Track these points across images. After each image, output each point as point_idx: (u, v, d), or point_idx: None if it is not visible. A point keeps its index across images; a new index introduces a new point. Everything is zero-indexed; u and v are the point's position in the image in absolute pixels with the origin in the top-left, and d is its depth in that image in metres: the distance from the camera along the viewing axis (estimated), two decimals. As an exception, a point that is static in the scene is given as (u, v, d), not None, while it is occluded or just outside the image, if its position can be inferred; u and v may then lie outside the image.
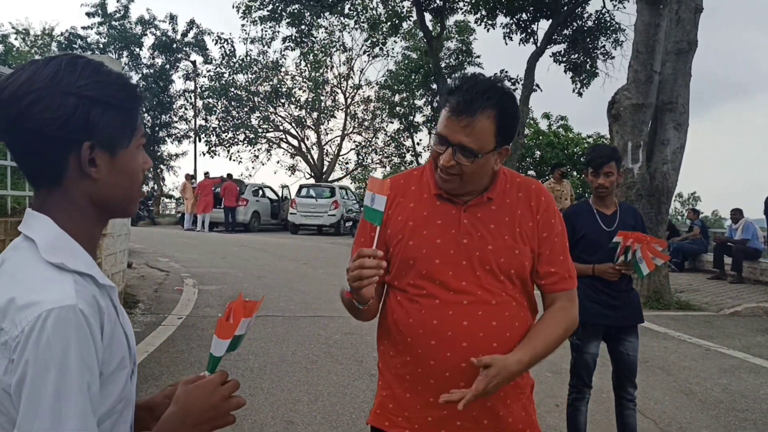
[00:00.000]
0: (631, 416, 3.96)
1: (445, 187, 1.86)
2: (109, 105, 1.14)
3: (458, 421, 1.82)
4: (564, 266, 1.93)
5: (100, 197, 1.18)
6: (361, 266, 1.64)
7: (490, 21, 22.29)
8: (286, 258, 13.64)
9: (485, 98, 1.73)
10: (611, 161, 3.88)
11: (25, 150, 1.13)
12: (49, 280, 1.07)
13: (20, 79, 1.10)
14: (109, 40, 33.76)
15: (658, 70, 9.70)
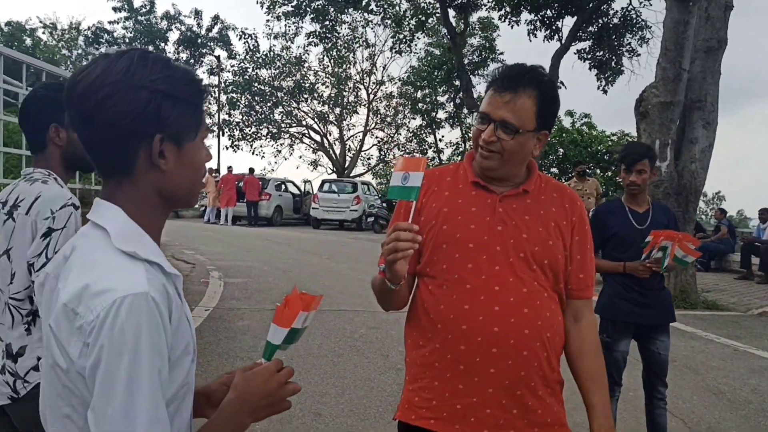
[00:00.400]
0: (662, 415, 3.95)
1: (485, 165, 1.88)
2: (178, 99, 1.17)
3: (487, 408, 1.81)
4: (591, 275, 2.01)
5: (167, 188, 1.21)
6: (397, 239, 1.65)
7: (515, 17, 22.11)
8: (309, 252, 13.70)
9: (527, 78, 1.82)
10: (644, 159, 3.86)
11: (98, 142, 1.16)
12: (123, 268, 1.10)
13: (94, 73, 1.13)
14: (135, 35, 34.14)
15: (686, 68, 9.59)
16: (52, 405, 1.16)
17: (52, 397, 1.16)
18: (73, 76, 1.17)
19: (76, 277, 1.11)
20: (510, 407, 1.82)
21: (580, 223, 1.96)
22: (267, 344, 1.38)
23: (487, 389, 1.80)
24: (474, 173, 1.94)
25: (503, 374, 1.80)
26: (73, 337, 1.07)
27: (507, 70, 1.84)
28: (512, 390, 1.81)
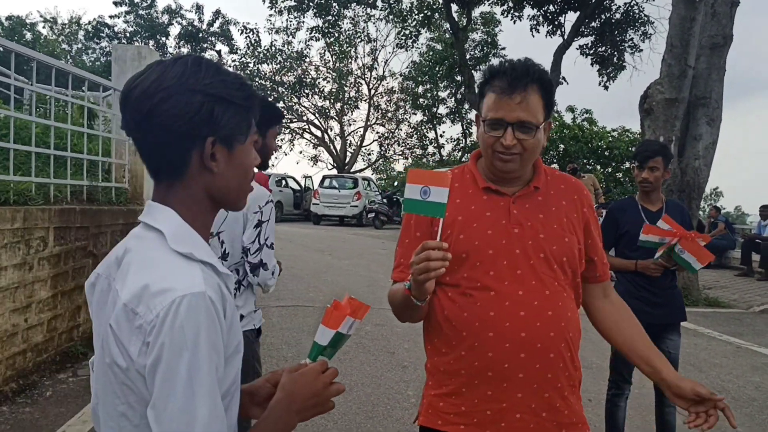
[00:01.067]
0: (671, 414, 3.96)
1: (507, 169, 1.87)
2: (230, 103, 1.20)
3: (517, 413, 1.81)
4: (604, 257, 2.06)
5: (217, 190, 1.25)
6: (428, 258, 1.62)
7: (517, 13, 22.13)
8: (311, 248, 13.70)
9: (530, 74, 1.81)
10: (657, 156, 3.83)
11: (153, 144, 1.19)
12: (180, 269, 1.14)
13: (150, 78, 1.17)
14: (136, 29, 34.10)
15: (692, 64, 9.58)
16: (106, 403, 1.19)
17: (107, 396, 1.18)
18: (129, 82, 1.20)
19: (135, 277, 1.14)
20: (540, 410, 1.83)
21: (591, 213, 1.98)
22: (314, 344, 1.40)
23: (517, 394, 1.81)
24: (482, 177, 1.94)
25: (532, 378, 1.80)
26: (132, 336, 1.10)
27: (510, 71, 1.82)
28: (541, 393, 1.81)
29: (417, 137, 37.69)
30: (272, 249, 2.83)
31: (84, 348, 5.58)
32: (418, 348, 6.28)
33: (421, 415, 1.97)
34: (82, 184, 6.01)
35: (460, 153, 36.70)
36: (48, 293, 5.09)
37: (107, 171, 6.76)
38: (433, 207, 1.66)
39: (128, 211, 6.68)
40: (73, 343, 5.52)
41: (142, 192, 7.12)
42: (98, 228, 5.92)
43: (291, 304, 8.09)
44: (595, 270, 2.00)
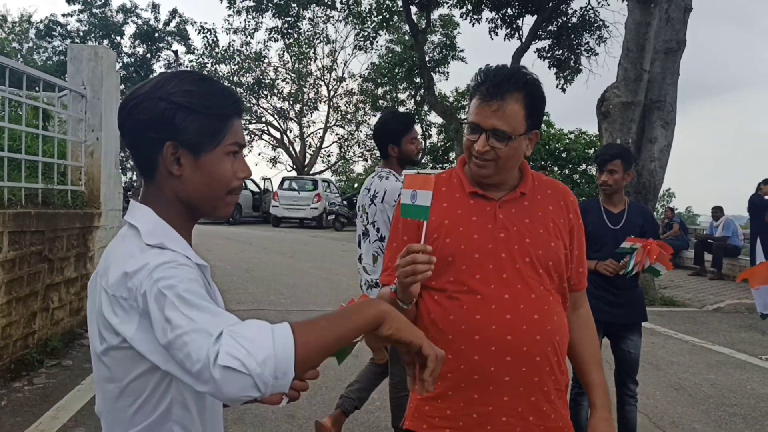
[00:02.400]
0: (632, 411, 4.02)
1: (480, 174, 1.88)
2: (192, 110, 1.27)
3: (503, 417, 1.82)
4: (586, 266, 2.08)
5: (185, 195, 1.32)
6: (414, 261, 1.63)
7: (476, 15, 22.26)
8: (271, 251, 13.60)
9: (512, 82, 1.80)
10: (616, 159, 3.91)
11: (128, 146, 1.32)
12: (153, 253, 1.21)
13: (136, 88, 1.31)
14: (90, 28, 33.35)
15: (647, 68, 9.79)
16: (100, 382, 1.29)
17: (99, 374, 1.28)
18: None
19: (114, 270, 1.22)
20: (526, 414, 1.83)
21: (576, 219, 1.99)
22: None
23: (503, 397, 1.81)
24: (469, 182, 1.94)
25: (518, 381, 1.81)
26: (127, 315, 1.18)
27: (491, 78, 1.82)
28: (527, 396, 1.82)
29: (377, 139, 37.71)
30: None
31: (40, 355, 5.44)
32: (382, 350, 6.27)
33: (407, 419, 1.97)
34: (37, 188, 5.86)
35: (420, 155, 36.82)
36: (2, 299, 4.95)
37: (63, 174, 6.60)
38: (418, 210, 1.68)
39: (85, 214, 6.54)
40: (28, 351, 5.37)
41: (99, 195, 6.97)
42: (54, 232, 5.77)
43: (252, 307, 8.01)
44: (570, 278, 2.00)
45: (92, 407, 4.55)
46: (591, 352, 2.04)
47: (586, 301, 2.12)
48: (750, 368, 6.64)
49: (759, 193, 11.79)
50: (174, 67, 34.41)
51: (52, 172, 6.27)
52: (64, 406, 4.57)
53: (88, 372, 5.30)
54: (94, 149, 6.95)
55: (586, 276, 2.10)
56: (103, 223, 7.01)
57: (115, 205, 7.69)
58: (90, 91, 6.88)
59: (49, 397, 4.72)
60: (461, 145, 20.66)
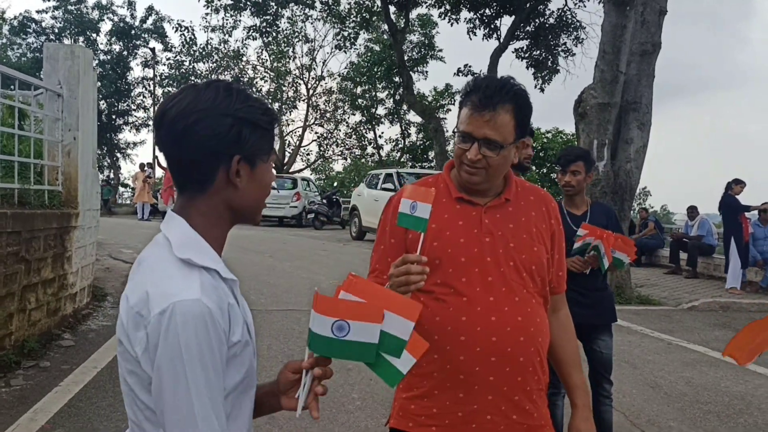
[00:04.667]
0: (608, 411, 4.07)
1: (471, 181, 1.93)
2: (256, 126, 1.35)
3: (488, 415, 1.87)
4: (564, 269, 2.16)
5: (238, 204, 1.37)
6: (408, 272, 1.68)
7: (454, 15, 22.38)
8: (251, 250, 13.53)
9: (503, 93, 1.86)
10: (578, 161, 3.96)
11: (185, 160, 1.32)
12: (178, 275, 1.25)
13: (185, 101, 1.31)
14: (65, 25, 32.95)
15: (623, 70, 9.91)
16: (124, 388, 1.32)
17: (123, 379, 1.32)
18: (164, 103, 1.34)
19: (140, 283, 1.27)
20: (510, 413, 1.89)
21: (557, 225, 2.07)
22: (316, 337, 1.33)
23: (487, 396, 1.86)
24: (456, 187, 2.00)
25: (502, 381, 1.86)
26: (138, 334, 1.23)
27: (483, 88, 1.87)
28: (511, 396, 1.88)
29: (356, 138, 37.71)
30: None
31: (16, 357, 5.38)
32: (362, 350, 6.29)
33: (392, 418, 2.01)
34: (13, 188, 5.79)
35: (399, 154, 36.92)
36: (-22, 301, 4.89)
37: (39, 173, 6.53)
38: (417, 221, 1.72)
39: (62, 214, 6.48)
40: (5, 352, 5.31)
41: (77, 195, 6.91)
42: (31, 233, 5.72)
43: (232, 307, 7.97)
44: (550, 281, 2.05)
45: (71, 409, 4.52)
46: (571, 354, 2.11)
47: (566, 304, 2.19)
48: (724, 366, 6.75)
49: (730, 193, 11.99)
50: (151, 65, 34.15)
51: (29, 172, 6.20)
52: (41, 408, 4.54)
53: (66, 373, 5.26)
54: (71, 149, 6.89)
55: (566, 279, 2.16)
56: (80, 223, 6.95)
57: (92, 205, 7.63)
58: (66, 91, 6.81)
59: (27, 399, 4.68)
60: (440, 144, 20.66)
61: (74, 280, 6.86)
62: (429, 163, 34.27)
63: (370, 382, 5.44)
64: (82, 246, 7.13)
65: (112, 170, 36.21)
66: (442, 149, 24.31)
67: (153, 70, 34.24)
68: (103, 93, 31.53)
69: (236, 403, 1.34)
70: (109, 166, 36.05)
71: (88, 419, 4.41)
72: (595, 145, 9.84)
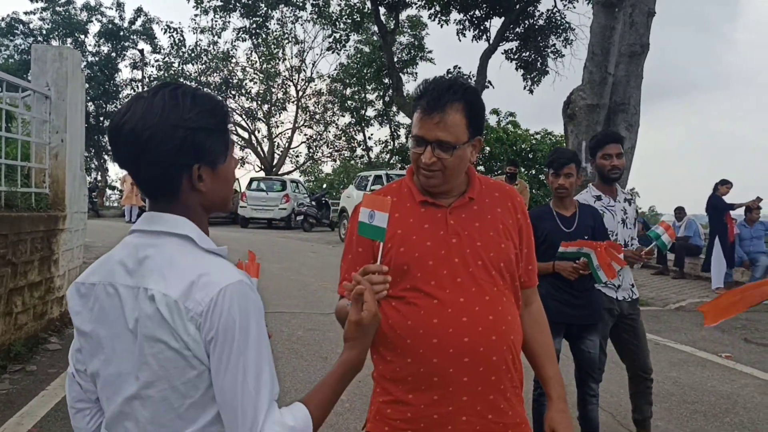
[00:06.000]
0: (594, 411, 4.09)
1: (429, 184, 1.94)
2: (209, 131, 1.37)
3: (464, 416, 1.87)
4: (536, 263, 2.18)
5: (207, 202, 1.43)
6: (370, 282, 1.65)
7: (444, 17, 22.43)
8: (240, 252, 13.37)
9: (451, 93, 1.87)
10: (571, 163, 3.99)
11: (147, 175, 1.35)
12: (216, 264, 1.34)
13: (136, 117, 1.32)
14: (53, 27, 32.72)
15: (612, 72, 9.95)
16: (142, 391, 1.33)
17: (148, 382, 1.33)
18: (116, 119, 1.34)
19: (178, 277, 1.30)
20: (485, 413, 1.89)
21: (524, 219, 2.07)
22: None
23: (462, 397, 1.86)
24: (419, 191, 2.00)
25: (476, 381, 1.86)
26: (188, 324, 1.28)
27: (430, 90, 1.88)
28: (485, 395, 1.88)
29: (345, 139, 37.66)
30: None
31: (3, 361, 5.36)
32: (351, 352, 6.29)
33: (368, 423, 2.02)
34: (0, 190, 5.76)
35: (389, 155, 36.91)
36: (-36, 305, 4.86)
37: (26, 176, 6.49)
38: (376, 231, 1.72)
39: (49, 217, 6.44)
40: (-9, 357, 5.28)
41: (64, 197, 6.87)
42: (17, 235, 5.68)
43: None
44: (520, 276, 2.06)
45: (57, 413, 4.50)
46: (544, 347, 2.13)
47: (538, 297, 2.20)
48: (710, 366, 6.80)
49: (717, 194, 12.07)
50: (140, 66, 34.01)
51: (16, 174, 6.17)
52: (28, 412, 4.51)
53: (52, 377, 5.23)
54: (59, 151, 6.86)
55: (536, 273, 2.17)
56: (68, 226, 6.92)
57: (80, 207, 7.59)
58: (55, 93, 6.78)
59: (13, 404, 4.66)
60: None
61: (61, 284, 6.82)
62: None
63: (359, 384, 5.43)
64: (70, 249, 7.09)
65: (100, 172, 35.99)
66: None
67: (142, 72, 34.10)
68: (91, 95, 31.35)
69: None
70: (96, 168, 35.82)
71: (76, 423, 4.38)
72: (584, 146, 9.86)
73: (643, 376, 4.40)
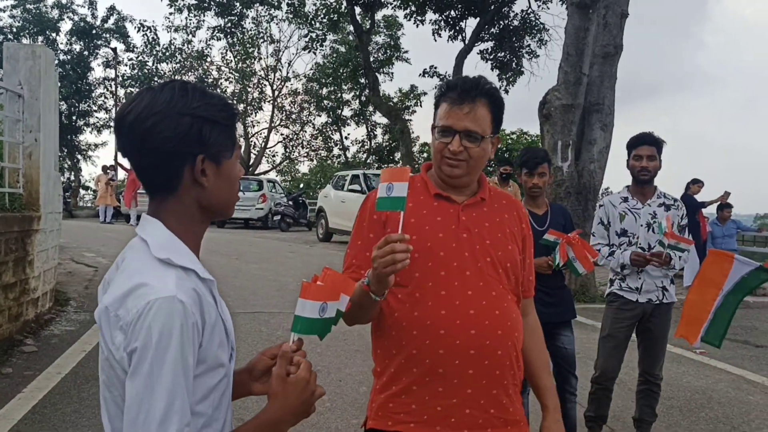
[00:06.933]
0: (572, 408, 4.15)
1: (453, 174, 1.98)
2: (216, 122, 1.35)
3: (467, 409, 1.89)
4: (533, 274, 2.22)
5: (207, 201, 1.38)
6: (393, 251, 1.65)
7: (419, 17, 22.44)
8: (216, 252, 13.43)
9: (479, 88, 1.96)
10: (544, 162, 4.08)
11: (149, 164, 1.33)
12: (155, 275, 1.27)
13: (141, 105, 1.30)
14: (24, 24, 32.22)
15: (586, 72, 10.06)
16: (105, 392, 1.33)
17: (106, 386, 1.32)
18: (122, 109, 1.34)
19: (117, 284, 1.29)
20: (488, 407, 1.91)
21: (528, 230, 2.14)
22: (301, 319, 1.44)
23: (466, 390, 1.88)
24: (434, 185, 2.04)
25: (481, 374, 1.89)
26: (115, 333, 1.25)
27: (461, 85, 1.96)
28: (489, 389, 1.90)
29: (322, 139, 37.61)
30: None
31: (-23, 363, 5.27)
32: (330, 352, 6.30)
33: (369, 419, 2.01)
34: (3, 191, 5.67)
35: (365, 155, 36.93)
36: (-63, 307, 4.78)
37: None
38: (396, 201, 1.72)
39: (23, 217, 6.36)
40: (-35, 359, 5.20)
41: (38, 197, 6.79)
42: (-9, 236, 5.61)
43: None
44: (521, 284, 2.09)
45: (35, 415, 4.44)
46: (540, 357, 2.16)
47: (534, 309, 2.25)
48: (685, 362, 6.90)
49: (689, 193, 12.24)
50: (113, 65, 33.63)
51: (-11, 175, 6.09)
52: (5, 415, 4.45)
53: (29, 379, 5.16)
54: (33, 151, 6.77)
55: (534, 285, 2.22)
56: (42, 227, 6.83)
57: (54, 207, 7.50)
58: (28, 91, 6.69)
59: (-11, 407, 4.59)
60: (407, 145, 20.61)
61: (36, 285, 6.73)
62: (395, 164, 34.34)
63: (340, 384, 5.45)
64: (45, 249, 7.00)
65: (73, 172, 35.54)
66: (408, 150, 24.40)
67: (115, 71, 33.70)
68: (63, 94, 30.91)
69: (216, 404, 1.36)
70: (69, 168, 35.36)
71: (53, 426, 4.34)
72: (559, 145, 9.97)
73: (647, 378, 4.47)
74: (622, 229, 4.29)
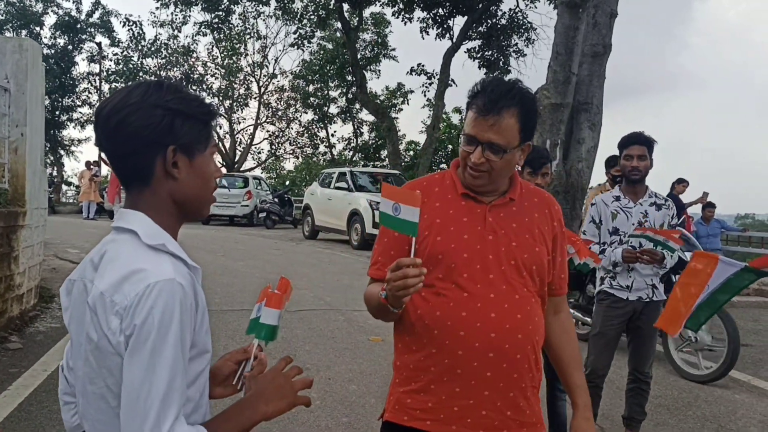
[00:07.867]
0: (562, 407, 4.16)
1: (475, 184, 1.96)
2: (188, 115, 1.38)
3: (483, 410, 1.89)
4: (566, 272, 2.18)
5: (180, 196, 1.40)
6: (405, 276, 1.69)
7: (407, 15, 22.50)
8: (202, 249, 13.36)
9: (509, 97, 1.87)
10: (548, 162, 4.05)
11: (121, 153, 1.36)
12: (152, 260, 1.30)
13: (117, 98, 1.36)
14: (7, 18, 31.85)
15: (575, 71, 10.08)
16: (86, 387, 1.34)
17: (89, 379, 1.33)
18: (101, 104, 1.38)
19: (112, 271, 1.30)
20: (504, 409, 1.91)
21: (560, 228, 2.09)
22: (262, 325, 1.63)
23: (483, 392, 1.88)
24: (462, 184, 2.01)
25: (499, 377, 1.88)
26: (111, 318, 1.26)
27: (489, 92, 1.88)
28: (506, 392, 1.90)
29: (308, 136, 37.48)
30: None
31: (-38, 361, 5.20)
32: (319, 350, 6.29)
33: (387, 412, 2.02)
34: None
35: (352, 152, 36.88)
36: None
37: (-15, 171, 6.32)
38: (404, 224, 1.74)
39: (9, 213, 6.28)
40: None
41: (24, 193, 6.70)
42: (-24, 232, 5.53)
43: (186, 308, 7.85)
44: (551, 283, 2.08)
45: (21, 413, 4.38)
46: (572, 355, 2.15)
47: (567, 305, 2.23)
48: (672, 360, 6.94)
49: (674, 193, 12.33)
50: (98, 60, 33.35)
51: (-26, 169, 6.00)
52: (-10, 413, 4.39)
53: (14, 377, 5.10)
54: (19, 145, 6.69)
55: (567, 282, 2.18)
56: (28, 222, 6.75)
57: (40, 203, 7.42)
58: (14, 85, 6.60)
59: (-26, 405, 4.53)
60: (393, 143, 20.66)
61: (21, 281, 6.65)
62: (381, 162, 34.31)
63: (329, 381, 5.43)
64: (30, 245, 6.92)
65: (56, 167, 35.20)
66: (395, 148, 24.39)
67: (99, 66, 33.40)
68: (46, 88, 30.60)
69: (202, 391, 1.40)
70: (52, 163, 35.01)
71: (40, 423, 4.28)
72: (548, 144, 9.98)
73: (637, 377, 4.50)
74: (614, 228, 4.31)
